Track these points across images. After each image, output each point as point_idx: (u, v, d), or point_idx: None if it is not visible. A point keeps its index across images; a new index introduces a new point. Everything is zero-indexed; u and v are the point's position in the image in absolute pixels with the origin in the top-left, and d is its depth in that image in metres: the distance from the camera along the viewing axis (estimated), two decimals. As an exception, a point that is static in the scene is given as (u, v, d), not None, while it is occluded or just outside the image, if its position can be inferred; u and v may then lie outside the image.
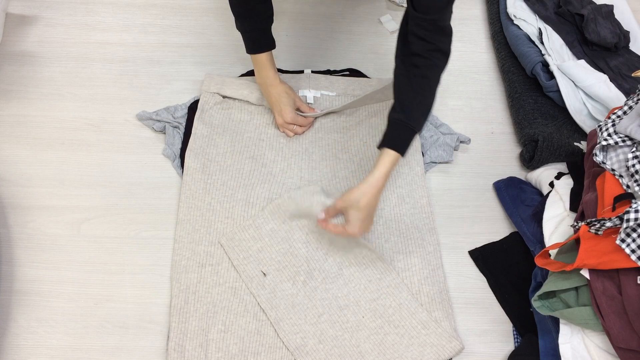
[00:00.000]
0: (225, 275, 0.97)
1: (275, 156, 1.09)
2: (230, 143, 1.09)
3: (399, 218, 1.04)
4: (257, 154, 1.09)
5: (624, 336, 0.76)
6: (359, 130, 1.13)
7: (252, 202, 1.03)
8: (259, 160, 1.08)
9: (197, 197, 1.03)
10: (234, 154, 1.08)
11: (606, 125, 0.90)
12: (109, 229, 1.03)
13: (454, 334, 0.94)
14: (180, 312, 0.94)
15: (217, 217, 1.01)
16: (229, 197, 1.04)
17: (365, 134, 1.13)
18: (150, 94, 1.18)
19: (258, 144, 1.10)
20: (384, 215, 1.04)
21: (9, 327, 0.94)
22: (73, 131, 1.13)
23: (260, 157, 1.08)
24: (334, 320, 0.94)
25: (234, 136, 1.10)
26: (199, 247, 0.99)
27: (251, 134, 1.11)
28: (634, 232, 0.75)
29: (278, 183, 1.06)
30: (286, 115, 1.08)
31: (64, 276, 0.99)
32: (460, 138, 1.16)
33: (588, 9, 1.26)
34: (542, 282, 0.94)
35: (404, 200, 1.06)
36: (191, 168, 1.05)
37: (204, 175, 1.05)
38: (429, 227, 1.04)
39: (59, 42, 1.23)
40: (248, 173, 1.06)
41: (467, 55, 1.31)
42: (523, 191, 1.09)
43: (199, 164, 1.06)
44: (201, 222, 1.01)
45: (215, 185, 1.04)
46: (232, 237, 0.99)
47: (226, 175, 1.06)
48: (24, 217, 1.03)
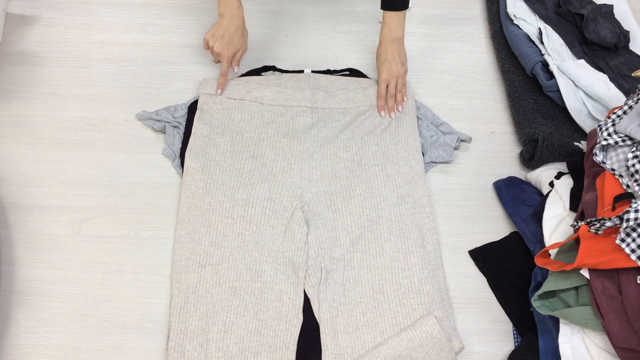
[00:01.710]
0: (225, 275, 0.97)
1: (276, 156, 1.09)
2: (230, 143, 1.09)
3: (399, 217, 1.04)
4: (257, 154, 1.08)
5: (624, 336, 0.76)
6: (361, 127, 1.13)
7: (252, 202, 1.03)
8: (259, 160, 1.08)
9: (197, 196, 1.03)
10: (234, 154, 1.08)
11: (606, 125, 0.90)
12: (109, 229, 1.04)
13: (454, 333, 0.94)
14: (180, 311, 0.94)
15: (217, 216, 1.01)
16: (229, 197, 1.03)
17: (366, 132, 1.12)
18: (150, 94, 1.18)
19: (258, 143, 1.10)
20: (384, 215, 1.04)
21: (9, 327, 0.94)
22: (73, 131, 1.13)
23: (261, 157, 1.08)
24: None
25: (234, 136, 1.10)
26: (199, 247, 0.99)
27: (251, 134, 1.10)
28: (634, 231, 0.75)
29: (278, 182, 1.06)
30: (226, 51, 1.08)
31: (64, 276, 0.99)
32: (460, 137, 1.16)
33: (588, 9, 1.26)
34: (542, 281, 0.94)
35: (404, 200, 1.06)
36: (191, 168, 1.05)
37: (204, 175, 1.05)
38: (429, 226, 1.04)
39: (59, 42, 1.24)
40: (248, 173, 1.06)
41: (467, 55, 1.31)
42: (523, 191, 1.09)
43: (199, 163, 1.06)
44: (201, 221, 1.01)
45: (215, 185, 1.04)
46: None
47: (226, 175, 1.05)
48: (24, 217, 1.03)
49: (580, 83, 1.15)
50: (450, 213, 1.11)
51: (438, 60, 1.30)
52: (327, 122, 1.13)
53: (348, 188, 1.06)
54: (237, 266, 0.98)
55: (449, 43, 1.32)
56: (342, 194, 1.05)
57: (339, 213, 1.03)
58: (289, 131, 1.12)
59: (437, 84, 1.26)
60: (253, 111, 1.13)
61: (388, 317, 0.95)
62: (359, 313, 0.95)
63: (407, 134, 1.12)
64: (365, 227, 1.02)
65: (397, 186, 1.07)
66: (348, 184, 1.07)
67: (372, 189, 1.06)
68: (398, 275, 0.98)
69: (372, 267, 0.99)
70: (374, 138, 1.12)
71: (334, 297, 0.97)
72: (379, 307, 0.96)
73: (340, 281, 0.98)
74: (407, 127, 1.13)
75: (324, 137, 1.12)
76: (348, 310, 0.96)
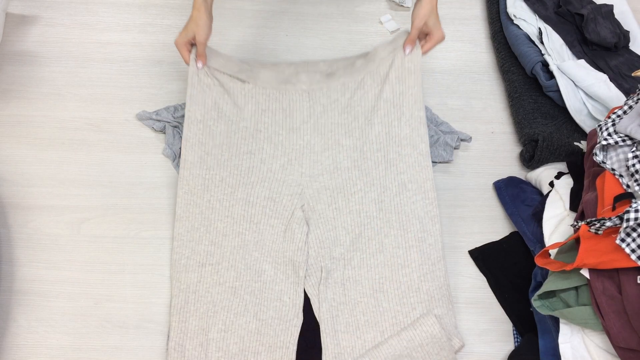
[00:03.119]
0: (226, 274, 0.97)
1: (275, 151, 1.06)
2: (226, 134, 1.05)
3: (400, 208, 1.02)
4: (255, 149, 1.06)
5: (624, 336, 0.76)
6: (362, 102, 1.07)
7: (252, 202, 1.03)
8: (257, 156, 1.06)
9: (195, 193, 1.02)
10: (230, 147, 1.05)
11: (606, 124, 0.90)
12: (109, 229, 1.04)
13: (455, 331, 0.94)
14: (180, 311, 0.94)
15: (217, 215, 1.01)
16: (228, 196, 1.02)
17: (370, 110, 1.07)
18: (150, 94, 1.18)
19: (255, 135, 1.06)
20: (384, 208, 1.02)
21: (9, 327, 0.94)
22: (73, 131, 1.13)
23: (259, 152, 1.06)
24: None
25: (229, 125, 1.06)
26: (199, 247, 0.99)
27: (247, 124, 1.07)
28: (634, 231, 0.75)
29: (278, 181, 1.05)
30: (179, 39, 1.01)
31: (64, 276, 0.99)
32: (460, 136, 1.16)
33: (588, 9, 1.26)
34: (542, 281, 0.94)
35: (406, 186, 1.03)
36: (188, 162, 1.03)
37: (201, 170, 1.03)
38: (432, 215, 1.02)
39: (59, 42, 1.24)
40: (247, 170, 1.05)
41: (467, 55, 1.31)
42: (523, 191, 1.09)
43: (197, 157, 1.03)
44: (200, 220, 1.00)
45: (213, 182, 1.03)
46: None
47: (224, 171, 1.04)
48: (24, 217, 1.03)
49: (580, 83, 1.15)
50: (450, 213, 1.10)
51: (438, 60, 1.30)
52: (326, 106, 1.08)
53: (349, 182, 1.04)
54: (237, 266, 0.98)
55: (449, 43, 1.32)
56: (343, 190, 1.04)
57: (339, 211, 1.03)
58: (287, 121, 1.07)
59: (437, 84, 1.26)
60: (247, 94, 1.07)
61: (388, 317, 0.95)
62: (359, 312, 0.96)
63: (411, 103, 1.05)
64: (366, 225, 1.02)
65: (398, 173, 1.04)
66: (349, 176, 1.05)
67: (373, 180, 1.04)
68: (398, 273, 0.98)
69: (372, 265, 0.99)
70: (377, 116, 1.06)
71: (334, 296, 0.97)
72: (379, 307, 0.96)
73: (340, 280, 0.98)
74: (412, 95, 1.06)
75: (323, 124, 1.07)
76: (348, 309, 0.96)
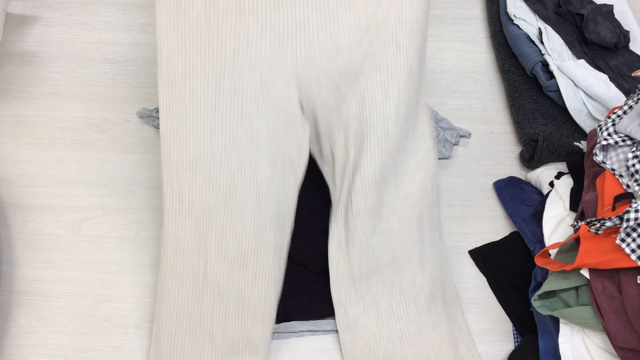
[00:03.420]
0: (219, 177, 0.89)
1: (262, 30, 0.86)
2: (204, 12, 0.85)
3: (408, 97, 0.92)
4: (238, 28, 0.86)
5: (624, 336, 0.76)
6: None
7: (241, 92, 0.87)
8: (242, 36, 0.86)
9: (175, 84, 0.87)
10: (210, 28, 0.86)
11: (606, 124, 0.90)
12: (109, 229, 1.04)
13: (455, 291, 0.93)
14: (175, 215, 0.88)
15: (202, 110, 0.87)
16: (213, 86, 0.87)
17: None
18: (150, 93, 1.18)
19: (239, 13, 0.86)
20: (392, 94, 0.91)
21: (9, 327, 0.94)
22: (73, 131, 1.13)
23: (244, 31, 0.86)
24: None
25: (207, 1, 0.86)
26: (187, 146, 0.87)
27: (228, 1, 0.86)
28: (634, 231, 0.75)
29: (270, 65, 0.87)
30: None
31: (64, 276, 0.99)
32: (460, 133, 1.16)
33: (588, 9, 1.26)
34: (542, 281, 0.94)
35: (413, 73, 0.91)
36: (164, 52, 0.86)
37: (180, 55, 0.86)
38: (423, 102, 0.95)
39: (59, 42, 1.24)
40: (232, 53, 0.86)
41: (467, 55, 1.31)
42: (523, 191, 1.09)
43: (174, 40, 0.86)
44: (184, 115, 0.87)
45: (194, 70, 0.86)
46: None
47: (205, 56, 0.86)
48: (24, 217, 1.03)
49: (580, 83, 1.15)
50: (450, 213, 1.10)
51: (438, 60, 1.30)
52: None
53: (352, 66, 0.89)
54: (230, 166, 0.89)
55: (449, 43, 1.32)
56: (345, 74, 0.89)
57: (342, 97, 0.91)
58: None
59: (437, 84, 1.26)
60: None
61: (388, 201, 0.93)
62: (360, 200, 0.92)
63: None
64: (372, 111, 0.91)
65: (407, 57, 0.89)
66: (351, 57, 0.88)
67: (379, 63, 0.90)
68: (395, 160, 0.92)
69: (376, 153, 0.91)
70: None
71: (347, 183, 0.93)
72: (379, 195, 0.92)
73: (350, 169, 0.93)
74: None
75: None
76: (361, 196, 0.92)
